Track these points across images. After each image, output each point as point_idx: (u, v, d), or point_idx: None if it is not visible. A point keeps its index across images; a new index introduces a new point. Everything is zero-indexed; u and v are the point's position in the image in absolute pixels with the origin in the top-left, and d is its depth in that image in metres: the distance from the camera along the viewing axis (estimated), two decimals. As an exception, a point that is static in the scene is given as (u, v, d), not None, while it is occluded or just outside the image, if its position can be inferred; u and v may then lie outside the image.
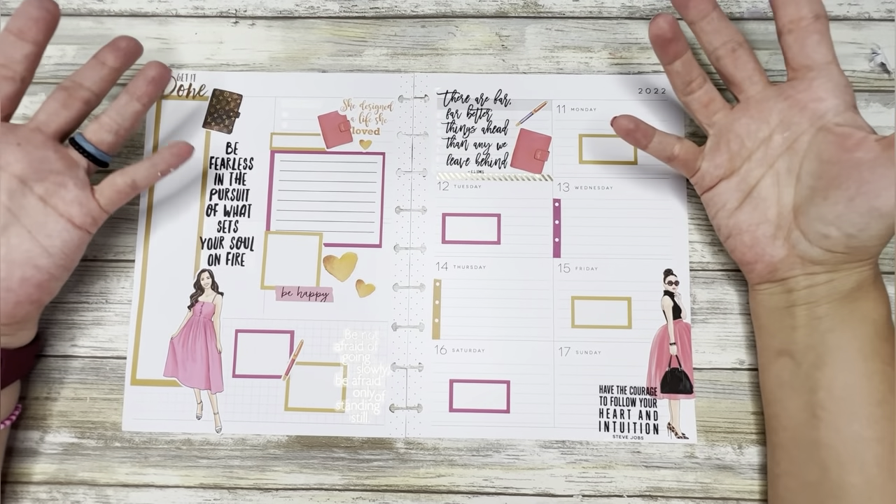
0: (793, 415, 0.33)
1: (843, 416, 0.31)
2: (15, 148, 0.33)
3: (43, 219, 0.33)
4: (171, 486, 0.38)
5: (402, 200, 0.41)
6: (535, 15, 0.43)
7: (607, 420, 0.39)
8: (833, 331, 0.32)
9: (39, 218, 0.33)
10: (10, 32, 0.34)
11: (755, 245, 0.34)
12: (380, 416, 0.39)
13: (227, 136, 0.42)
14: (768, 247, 0.34)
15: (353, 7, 0.43)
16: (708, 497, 0.38)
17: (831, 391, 0.32)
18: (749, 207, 0.34)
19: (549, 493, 0.38)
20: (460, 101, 0.42)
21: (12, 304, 0.33)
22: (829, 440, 0.32)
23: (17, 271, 0.32)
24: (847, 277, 0.32)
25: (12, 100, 0.35)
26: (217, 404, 0.39)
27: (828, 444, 0.32)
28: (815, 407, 0.32)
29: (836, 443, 0.31)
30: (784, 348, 0.34)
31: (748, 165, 0.34)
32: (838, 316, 0.32)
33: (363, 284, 0.40)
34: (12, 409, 0.37)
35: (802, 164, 0.33)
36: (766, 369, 0.36)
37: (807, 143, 0.33)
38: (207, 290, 0.40)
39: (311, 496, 0.38)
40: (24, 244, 0.33)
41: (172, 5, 0.43)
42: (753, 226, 0.34)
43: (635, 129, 0.36)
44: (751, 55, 0.35)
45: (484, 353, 0.39)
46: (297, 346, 0.40)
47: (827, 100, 0.32)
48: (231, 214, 0.41)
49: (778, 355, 0.34)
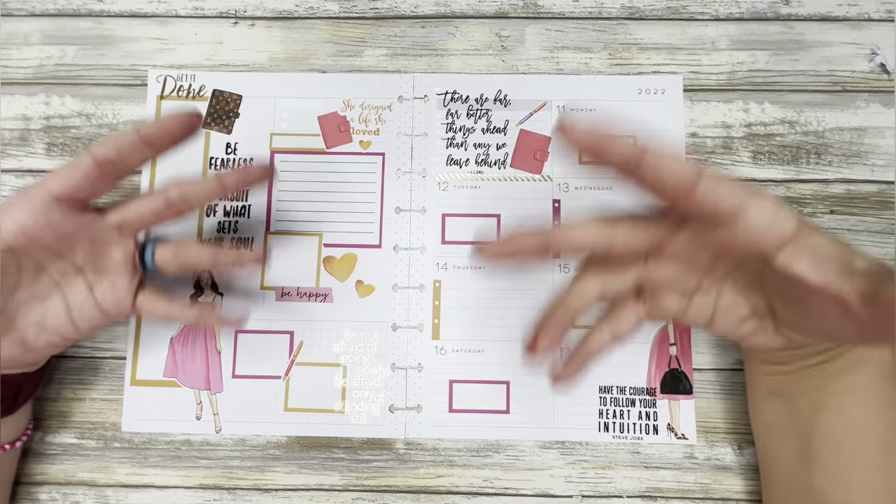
0: (786, 455, 0.32)
1: (841, 463, 0.30)
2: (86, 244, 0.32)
3: (83, 302, 0.33)
4: (170, 487, 0.38)
5: (401, 201, 0.41)
6: (535, 15, 0.43)
7: (607, 420, 0.39)
8: (835, 378, 0.30)
9: (80, 300, 0.33)
10: (142, 139, 0.30)
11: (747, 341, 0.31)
12: (379, 416, 0.39)
13: (227, 136, 0.42)
14: (760, 339, 0.30)
15: (353, 7, 0.43)
16: (707, 497, 0.38)
17: (829, 438, 0.30)
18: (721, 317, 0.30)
19: (549, 493, 0.38)
20: (460, 102, 0.42)
21: (28, 359, 0.34)
22: (824, 486, 0.30)
23: (44, 337, 0.33)
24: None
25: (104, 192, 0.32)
26: (217, 405, 0.39)
27: (823, 490, 0.30)
28: (809, 451, 0.31)
29: (831, 489, 0.30)
30: (777, 390, 0.32)
31: (699, 294, 0.30)
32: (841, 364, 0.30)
33: (363, 285, 0.40)
34: (26, 425, 0.37)
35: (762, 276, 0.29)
36: (756, 407, 0.34)
37: (755, 269, 0.29)
38: (207, 290, 0.40)
39: (310, 497, 0.38)
40: (59, 317, 0.33)
41: (172, 5, 0.43)
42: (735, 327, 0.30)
43: (564, 371, 0.33)
44: (635, 228, 0.29)
45: (484, 354, 0.39)
46: (297, 346, 0.40)
47: (761, 232, 0.26)
48: (231, 215, 0.41)
49: (770, 395, 0.33)
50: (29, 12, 0.43)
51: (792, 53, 0.42)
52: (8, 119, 0.42)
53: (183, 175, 0.33)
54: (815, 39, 0.42)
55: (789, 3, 0.43)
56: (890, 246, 0.40)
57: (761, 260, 0.26)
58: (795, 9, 0.43)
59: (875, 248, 0.40)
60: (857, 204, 0.40)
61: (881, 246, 0.40)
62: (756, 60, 0.42)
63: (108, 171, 0.31)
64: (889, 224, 0.40)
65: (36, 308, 0.32)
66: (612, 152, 0.27)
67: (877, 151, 0.41)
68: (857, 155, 0.41)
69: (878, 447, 0.30)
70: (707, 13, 0.43)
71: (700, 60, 0.42)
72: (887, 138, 0.41)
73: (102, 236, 0.32)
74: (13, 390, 0.34)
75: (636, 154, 0.26)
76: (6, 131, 0.42)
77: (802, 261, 0.25)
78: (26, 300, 0.31)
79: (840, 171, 0.41)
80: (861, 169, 0.41)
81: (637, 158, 0.26)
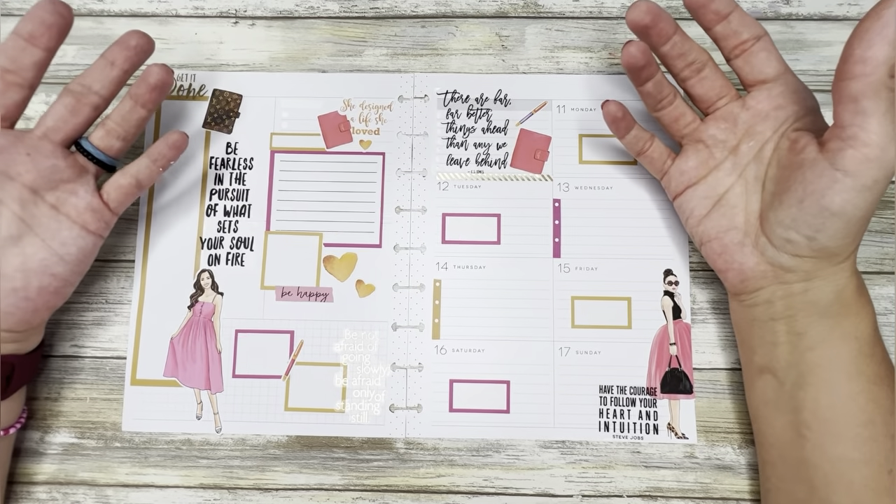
0: (779, 433, 0.33)
1: (828, 436, 0.31)
2: (25, 158, 0.33)
3: (56, 227, 0.33)
4: (171, 487, 0.38)
5: (402, 200, 0.41)
6: (535, 15, 0.43)
7: (607, 420, 0.39)
8: (814, 349, 0.32)
9: (53, 226, 0.33)
10: (21, 37, 0.32)
11: (724, 252, 0.34)
12: (380, 416, 0.39)
13: (227, 136, 0.42)
14: (737, 254, 0.34)
15: (353, 7, 0.43)
16: (708, 497, 0.38)
17: (815, 412, 0.31)
18: (717, 215, 0.34)
19: (549, 493, 0.38)
20: (460, 101, 0.42)
21: (30, 312, 0.33)
22: (815, 460, 0.31)
23: (35, 280, 0.32)
24: (823, 287, 0.31)
25: (19, 106, 0.34)
26: (217, 404, 0.39)
27: (814, 464, 0.31)
28: (799, 426, 0.32)
29: (822, 463, 0.31)
30: (766, 365, 0.34)
31: (717, 174, 0.35)
32: (818, 334, 0.32)
33: (363, 284, 0.40)
34: (20, 413, 0.37)
35: (767, 171, 0.33)
36: (750, 386, 0.35)
37: (770, 150, 0.33)
38: (207, 290, 0.40)
39: (311, 496, 0.38)
40: (39, 253, 0.33)
41: (172, 5, 0.43)
42: (722, 233, 0.34)
43: (622, 117, 0.36)
44: (717, 73, 0.35)
45: (484, 353, 0.39)
46: (297, 346, 0.40)
47: (787, 107, 0.33)
48: (231, 214, 0.41)
49: (760, 372, 0.34)
50: (29, 12, 0.43)
51: (792, 53, 0.42)
52: (8, 119, 0.42)
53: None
54: (815, 39, 0.42)
55: (789, 3, 0.43)
56: (890, 246, 0.40)
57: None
58: (795, 8, 0.43)
59: (875, 247, 0.40)
60: (857, 203, 0.40)
61: (881, 246, 0.40)
62: (756, 60, 0.42)
63: (9, 80, 0.32)
64: (889, 224, 0.40)
65: (11, 252, 0.32)
66: (714, 4, 0.33)
67: (877, 151, 0.41)
68: (858, 154, 0.41)
69: (862, 421, 0.30)
70: (707, 13, 0.43)
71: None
72: (887, 138, 0.41)
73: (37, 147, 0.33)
74: (6, 371, 0.33)
75: (730, 8, 0.33)
76: (6, 131, 0.42)
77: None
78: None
79: (840, 171, 0.41)
80: (861, 168, 0.41)
81: (729, 12, 0.33)
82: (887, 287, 0.40)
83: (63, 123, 0.34)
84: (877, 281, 0.40)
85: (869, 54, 0.26)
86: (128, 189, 0.36)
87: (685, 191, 0.36)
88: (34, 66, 0.33)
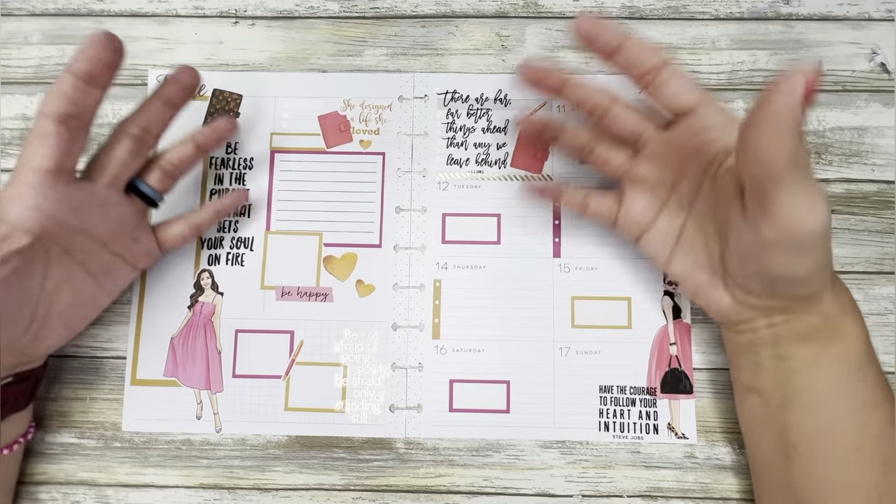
0: (766, 451, 0.32)
1: (814, 459, 0.30)
2: (98, 210, 0.32)
3: (112, 269, 0.34)
4: (170, 487, 0.38)
5: (401, 200, 0.41)
6: (535, 15, 0.43)
7: (607, 420, 0.39)
8: (799, 372, 0.30)
9: (106, 266, 0.33)
10: (80, 78, 0.29)
11: (698, 293, 0.33)
12: (380, 416, 0.39)
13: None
14: (711, 294, 0.32)
15: (353, 7, 0.43)
16: (708, 497, 0.38)
17: (801, 434, 0.30)
18: (680, 255, 0.33)
19: (549, 493, 0.38)
20: (460, 101, 0.42)
21: (68, 338, 0.34)
22: (802, 482, 0.30)
23: (80, 312, 0.33)
24: (806, 317, 0.30)
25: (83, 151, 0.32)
26: (217, 404, 0.39)
27: (802, 486, 0.30)
28: (786, 447, 0.31)
29: (808, 485, 0.30)
30: (752, 385, 0.33)
31: (666, 214, 0.33)
32: (803, 358, 0.30)
33: (363, 284, 0.40)
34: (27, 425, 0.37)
35: (715, 210, 0.31)
36: (739, 402, 0.35)
37: (708, 187, 0.31)
38: (207, 290, 0.40)
39: (311, 496, 0.38)
40: (90, 291, 0.33)
41: (172, 5, 0.43)
42: (689, 274, 0.33)
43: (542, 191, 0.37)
44: (627, 112, 0.33)
45: (484, 353, 0.39)
46: (297, 346, 0.40)
47: (713, 142, 0.30)
48: (231, 214, 0.41)
49: (748, 391, 0.33)
50: (29, 12, 0.43)
51: (792, 53, 0.42)
52: (8, 119, 0.42)
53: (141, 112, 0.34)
54: (815, 39, 0.42)
55: (789, 3, 0.43)
56: (890, 246, 0.40)
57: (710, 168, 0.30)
58: (796, 8, 0.43)
59: (875, 247, 0.40)
60: (857, 203, 0.41)
61: (881, 246, 0.40)
62: (756, 60, 0.42)
63: (73, 125, 0.30)
64: (889, 224, 0.40)
65: (64, 290, 0.32)
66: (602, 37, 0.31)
67: (877, 151, 0.41)
68: (858, 154, 0.41)
69: (848, 445, 0.30)
70: (707, 13, 0.43)
71: (700, 60, 0.42)
72: (887, 138, 0.41)
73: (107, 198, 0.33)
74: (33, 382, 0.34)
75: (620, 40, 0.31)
76: (6, 131, 0.42)
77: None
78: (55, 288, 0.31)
79: (840, 171, 0.41)
80: (861, 168, 0.41)
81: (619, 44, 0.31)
82: (887, 287, 0.40)
83: (126, 170, 0.34)
84: (877, 281, 0.40)
85: (764, 156, 0.25)
86: (187, 237, 0.37)
87: (642, 236, 0.35)
88: (95, 106, 0.31)
